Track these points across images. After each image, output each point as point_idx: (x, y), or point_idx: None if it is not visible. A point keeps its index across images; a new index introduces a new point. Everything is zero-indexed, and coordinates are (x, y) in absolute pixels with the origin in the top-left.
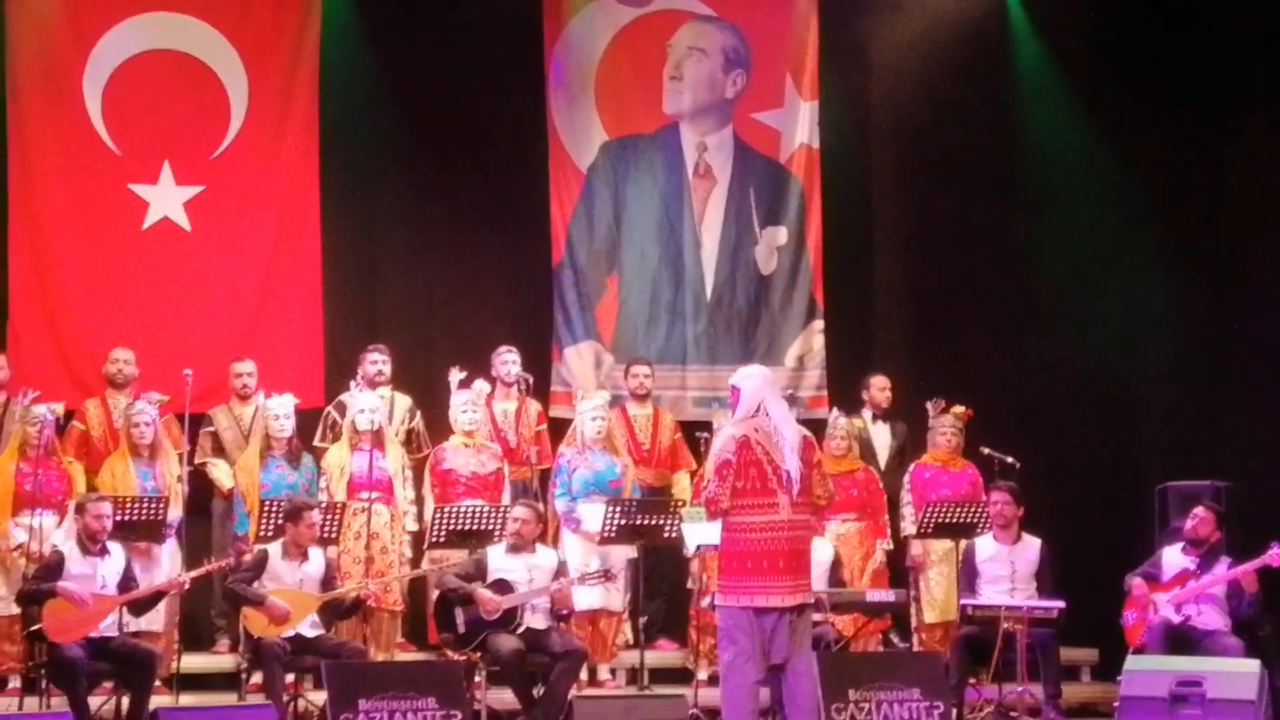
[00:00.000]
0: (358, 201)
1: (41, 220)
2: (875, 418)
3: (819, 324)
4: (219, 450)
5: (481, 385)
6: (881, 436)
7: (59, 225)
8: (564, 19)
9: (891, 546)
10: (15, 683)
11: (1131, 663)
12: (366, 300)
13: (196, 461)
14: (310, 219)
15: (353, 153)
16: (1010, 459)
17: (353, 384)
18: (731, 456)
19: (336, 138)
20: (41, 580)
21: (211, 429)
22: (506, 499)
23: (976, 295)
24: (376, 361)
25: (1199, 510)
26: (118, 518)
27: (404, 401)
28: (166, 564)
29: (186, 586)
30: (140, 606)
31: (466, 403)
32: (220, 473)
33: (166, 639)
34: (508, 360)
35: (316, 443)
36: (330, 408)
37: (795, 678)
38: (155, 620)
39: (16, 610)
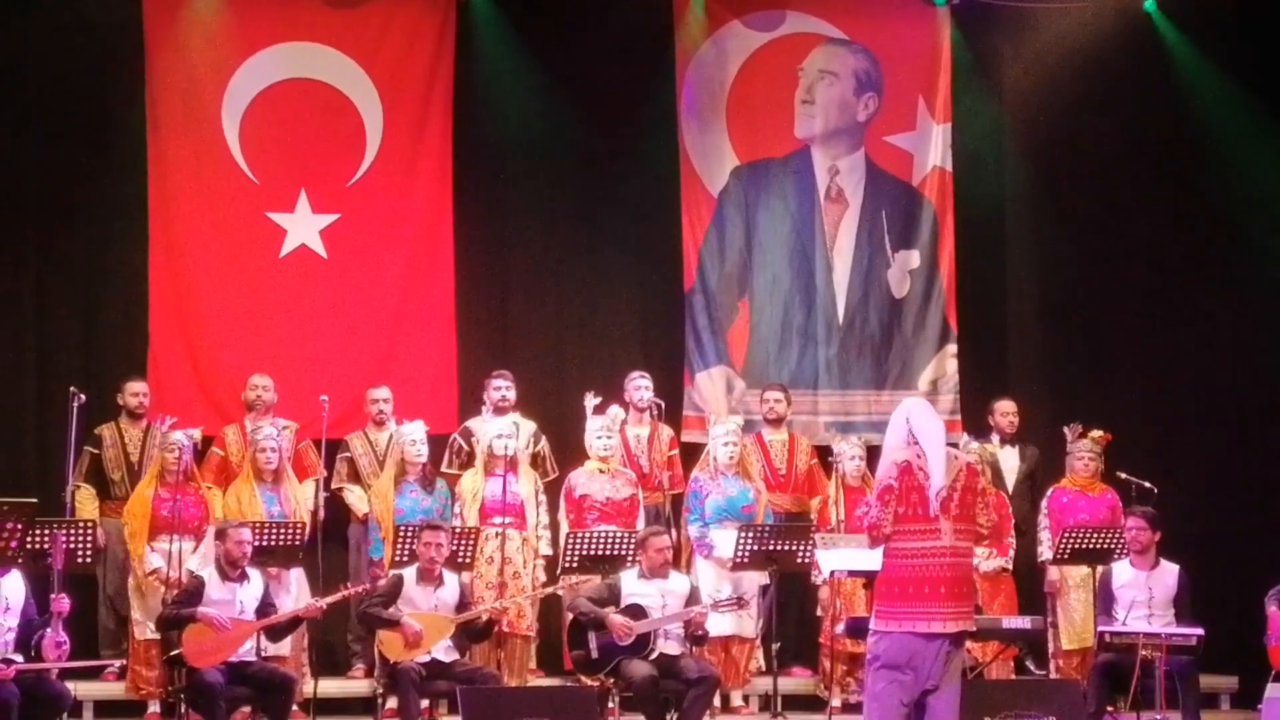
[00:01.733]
0: (490, 228)
1: (181, 248)
2: (1002, 442)
3: (952, 348)
4: (354, 476)
5: (617, 411)
6: (1009, 460)
7: (198, 253)
8: (695, 44)
9: (1010, 568)
10: (155, 707)
11: (1273, 689)
12: (499, 326)
13: (333, 487)
14: (444, 245)
15: (486, 180)
16: (1148, 484)
17: (484, 409)
18: (894, 482)
19: (470, 165)
20: (182, 605)
21: (348, 454)
22: (641, 524)
23: (1112, 318)
24: (500, 387)
25: None
26: (256, 543)
27: (528, 426)
28: (295, 589)
29: (324, 611)
30: (278, 631)
31: (602, 429)
32: (355, 498)
33: (294, 662)
34: (640, 385)
35: (444, 469)
36: (456, 434)
37: (939, 704)
38: (283, 645)
39: (155, 635)
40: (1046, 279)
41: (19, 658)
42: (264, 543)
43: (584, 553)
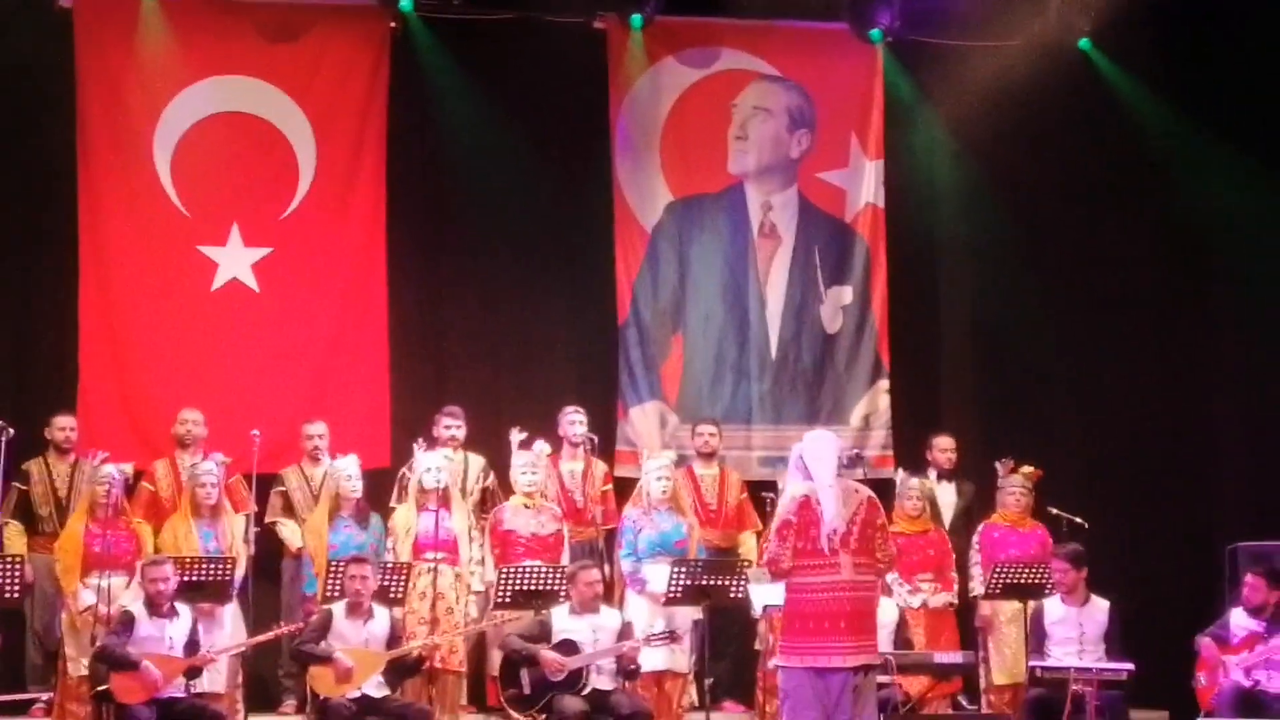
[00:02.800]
0: (424, 261)
1: (111, 281)
2: (940, 477)
3: (884, 383)
4: (289, 510)
5: (541, 446)
6: (946, 496)
7: (129, 286)
8: (629, 81)
9: (956, 603)
10: None
11: None
12: (433, 360)
13: (266, 521)
14: (377, 279)
15: (420, 214)
16: (1078, 519)
17: (416, 445)
18: (792, 517)
19: (404, 199)
20: (115, 635)
21: (282, 489)
22: (566, 560)
23: (1045, 352)
24: (450, 426)
25: (1249, 577)
26: (185, 578)
27: (478, 462)
28: (229, 625)
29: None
30: (197, 670)
31: (526, 464)
32: (289, 532)
33: (229, 700)
34: (574, 420)
35: (393, 504)
36: (405, 469)
37: None
38: (218, 681)
39: (86, 671)
40: (979, 314)
41: None
42: (194, 578)
43: (516, 588)
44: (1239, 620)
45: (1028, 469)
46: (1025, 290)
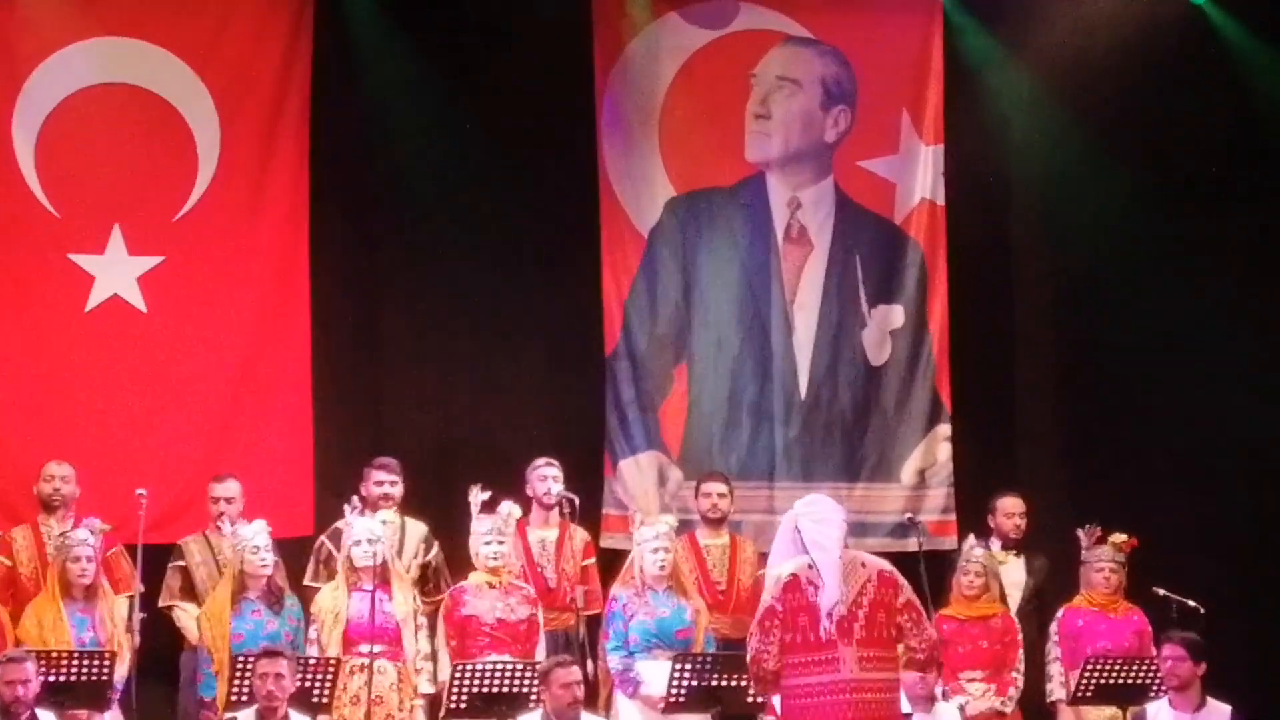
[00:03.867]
0: (359, 277)
1: None
2: (1005, 548)
3: (945, 429)
4: (189, 592)
5: (510, 509)
6: (1013, 573)
7: None
8: (621, 42)
9: (1010, 709)
10: None
11: None
12: (369, 402)
13: (160, 604)
14: (298, 299)
15: (352, 216)
16: (1191, 602)
17: (348, 507)
18: (777, 604)
19: (331, 197)
20: None
21: (181, 564)
22: (543, 654)
23: (1146, 392)
24: (383, 482)
25: None
26: (50, 678)
27: (417, 530)
28: None
29: None
30: None
31: (491, 531)
32: (189, 620)
33: None
34: (547, 476)
35: (307, 582)
36: (324, 538)
37: None
38: None
39: None
40: (1064, 342)
41: None
42: (63, 678)
43: (474, 690)
44: None
45: (1120, 538)
46: (1124, 310)
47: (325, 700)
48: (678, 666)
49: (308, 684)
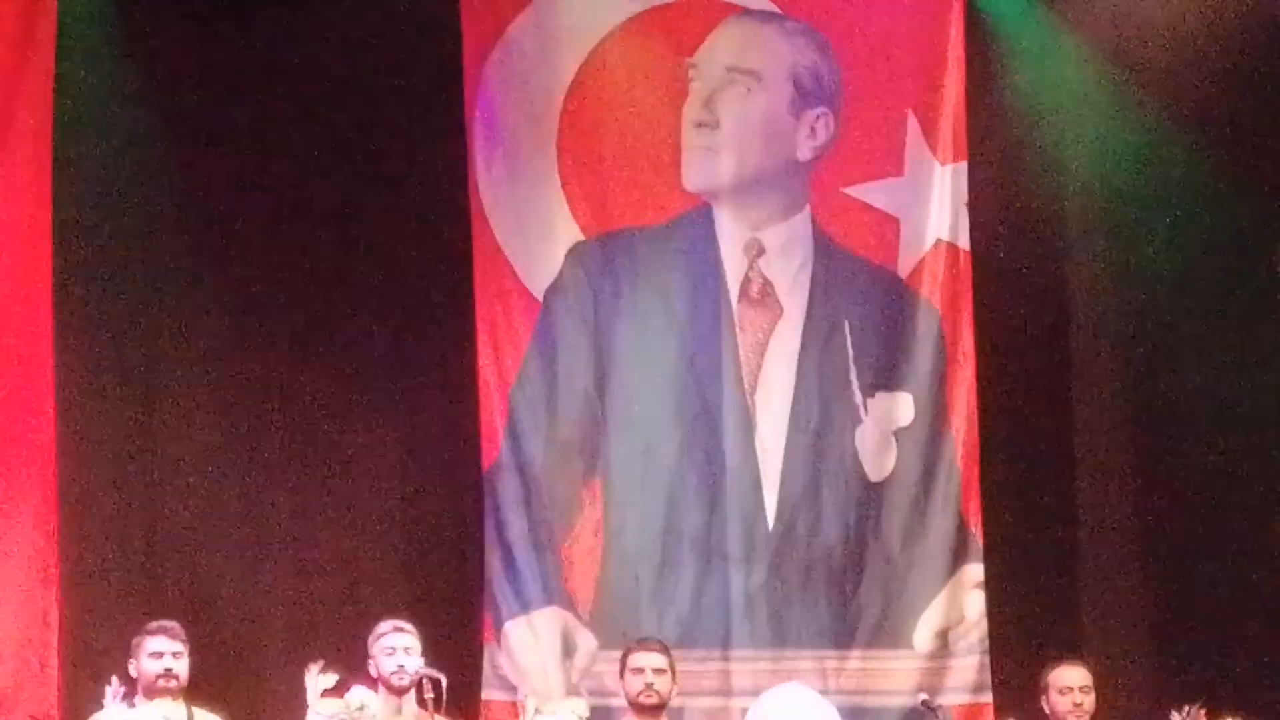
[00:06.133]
0: (117, 351)
1: None
2: None
3: (976, 572)
4: None
5: (361, 695)
6: None
7: None
8: (502, 18)
9: None
10: None
11: None
12: (141, 537)
13: None
14: (39, 376)
15: (119, 242)
16: None
17: (109, 690)
18: None
19: (87, 212)
20: None
21: None
22: None
23: (1267, 514)
24: (162, 654)
25: None
26: None
27: None
28: None
29: None
30: None
31: None
32: None
33: None
34: (395, 648)
35: None
36: None
37: None
38: None
39: None
40: (1147, 445)
41: None
42: None
43: None
44: None
45: None
46: (1219, 393)
47: None
48: None
49: None
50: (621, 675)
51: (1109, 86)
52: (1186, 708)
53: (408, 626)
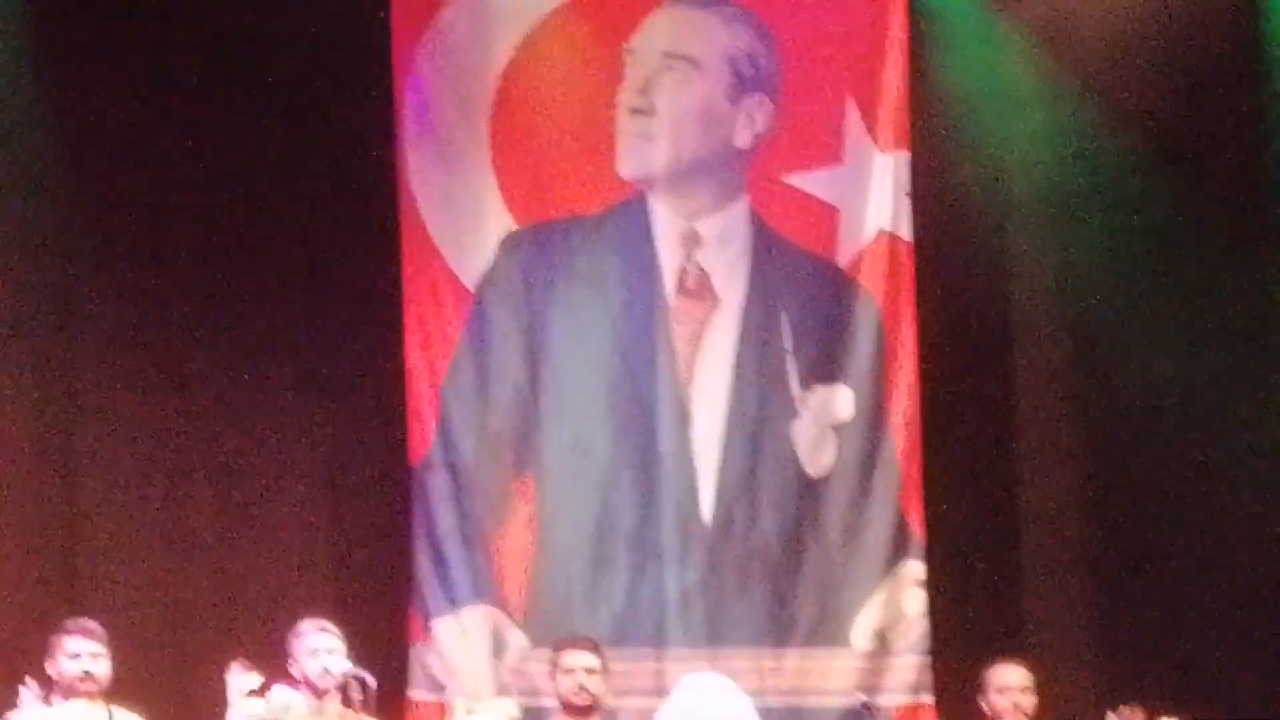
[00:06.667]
0: (46, 349)
1: None
2: None
3: (916, 568)
4: None
5: (284, 696)
6: None
7: None
8: (432, 3)
9: None
10: None
11: None
12: (61, 536)
13: None
14: None
15: (29, 253)
16: None
17: (25, 692)
18: None
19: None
20: None
21: None
22: None
23: (1212, 513)
24: (79, 654)
25: None
26: None
27: None
28: None
29: None
30: None
31: None
32: None
33: None
34: (319, 647)
35: None
36: None
37: None
38: None
39: None
40: (1092, 439)
41: None
42: None
43: None
44: None
45: None
46: (1170, 388)
47: None
48: None
49: None
50: (552, 676)
51: (1048, 77)
52: (1123, 708)
53: (331, 627)
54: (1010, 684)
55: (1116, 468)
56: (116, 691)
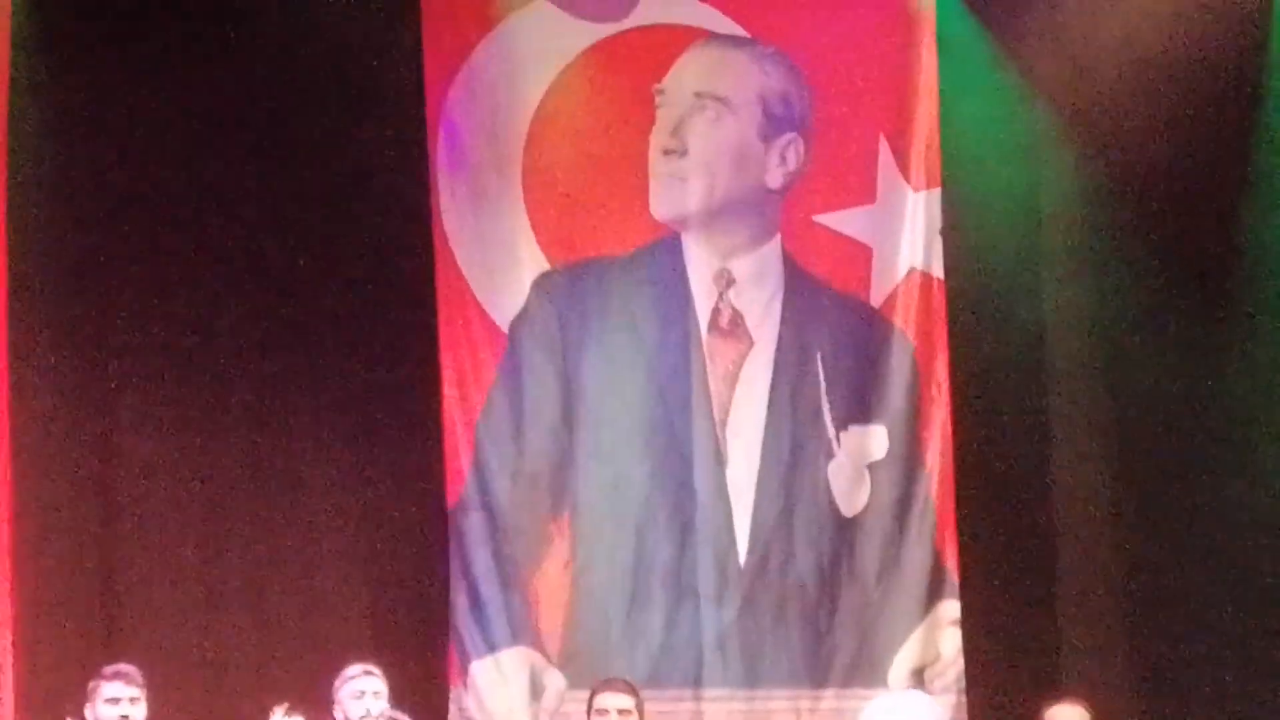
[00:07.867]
0: (73, 393)
1: None
2: None
3: (952, 608)
4: None
5: None
6: None
7: None
8: (466, 43)
9: None
10: None
11: None
12: (100, 581)
13: None
14: None
15: (70, 299)
16: None
17: None
18: None
19: (29, 272)
20: None
21: None
22: None
23: (1260, 546)
24: (119, 699)
25: None
26: None
27: None
28: None
29: None
30: None
31: None
32: None
33: None
34: (365, 692)
35: None
36: None
37: None
38: None
39: None
40: (1124, 474)
41: None
42: None
43: None
44: None
45: None
46: (1211, 423)
47: None
48: None
49: None
50: (588, 717)
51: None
52: None
53: (375, 670)
54: None
55: (1152, 505)
56: None
